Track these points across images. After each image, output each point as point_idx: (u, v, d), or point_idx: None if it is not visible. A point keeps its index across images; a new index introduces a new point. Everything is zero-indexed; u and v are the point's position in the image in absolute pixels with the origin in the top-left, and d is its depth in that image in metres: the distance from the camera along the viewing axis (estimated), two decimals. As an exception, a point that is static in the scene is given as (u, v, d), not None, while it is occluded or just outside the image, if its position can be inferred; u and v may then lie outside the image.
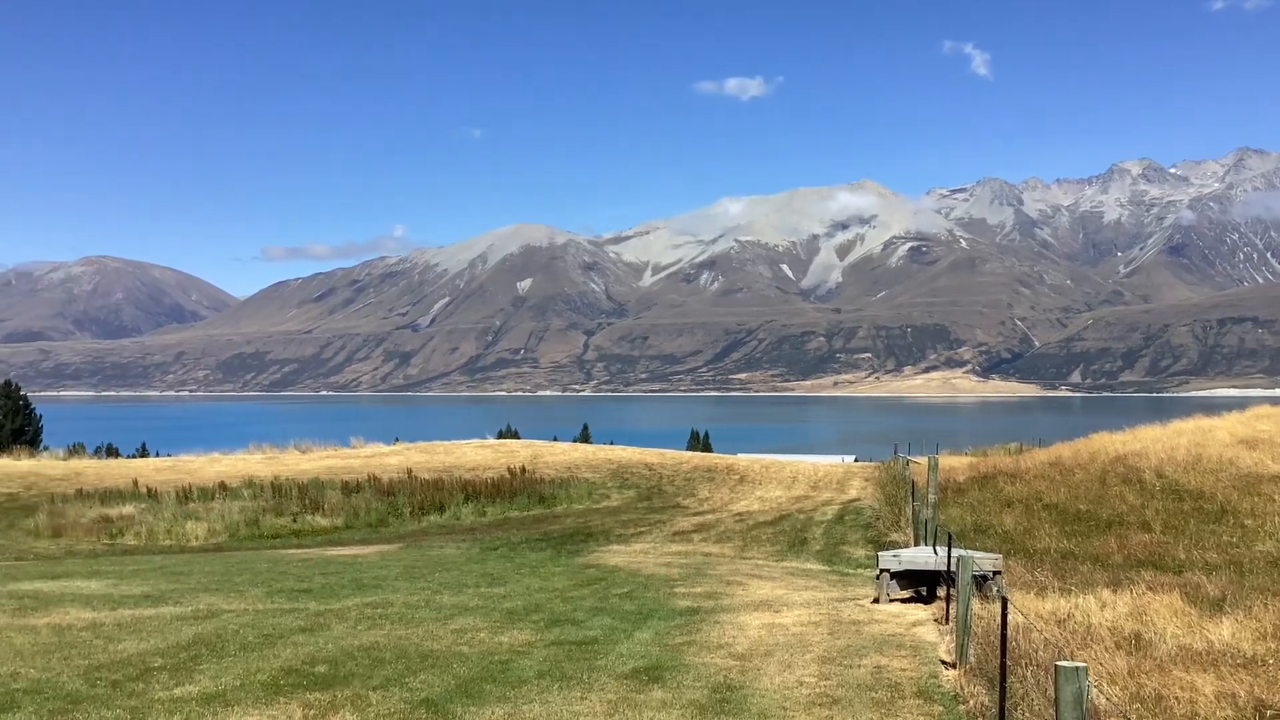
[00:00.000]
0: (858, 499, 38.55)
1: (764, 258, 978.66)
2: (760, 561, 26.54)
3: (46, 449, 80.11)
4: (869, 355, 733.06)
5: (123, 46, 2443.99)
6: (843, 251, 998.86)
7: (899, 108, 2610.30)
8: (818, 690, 11.65)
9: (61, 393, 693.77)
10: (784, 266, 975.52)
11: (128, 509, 38.56)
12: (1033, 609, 15.55)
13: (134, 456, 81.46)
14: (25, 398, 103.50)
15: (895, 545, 25.39)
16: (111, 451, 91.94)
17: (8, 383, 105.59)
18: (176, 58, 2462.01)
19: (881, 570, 18.54)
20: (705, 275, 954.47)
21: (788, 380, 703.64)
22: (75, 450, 77.34)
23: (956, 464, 45.35)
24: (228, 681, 11.36)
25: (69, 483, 45.39)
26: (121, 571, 22.68)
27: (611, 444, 71.02)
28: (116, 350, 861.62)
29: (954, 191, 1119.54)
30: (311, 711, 10.20)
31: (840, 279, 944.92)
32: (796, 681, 12.04)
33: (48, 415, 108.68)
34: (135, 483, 43.66)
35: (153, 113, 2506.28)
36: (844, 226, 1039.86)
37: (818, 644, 14.40)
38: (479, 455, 53.60)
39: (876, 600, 18.40)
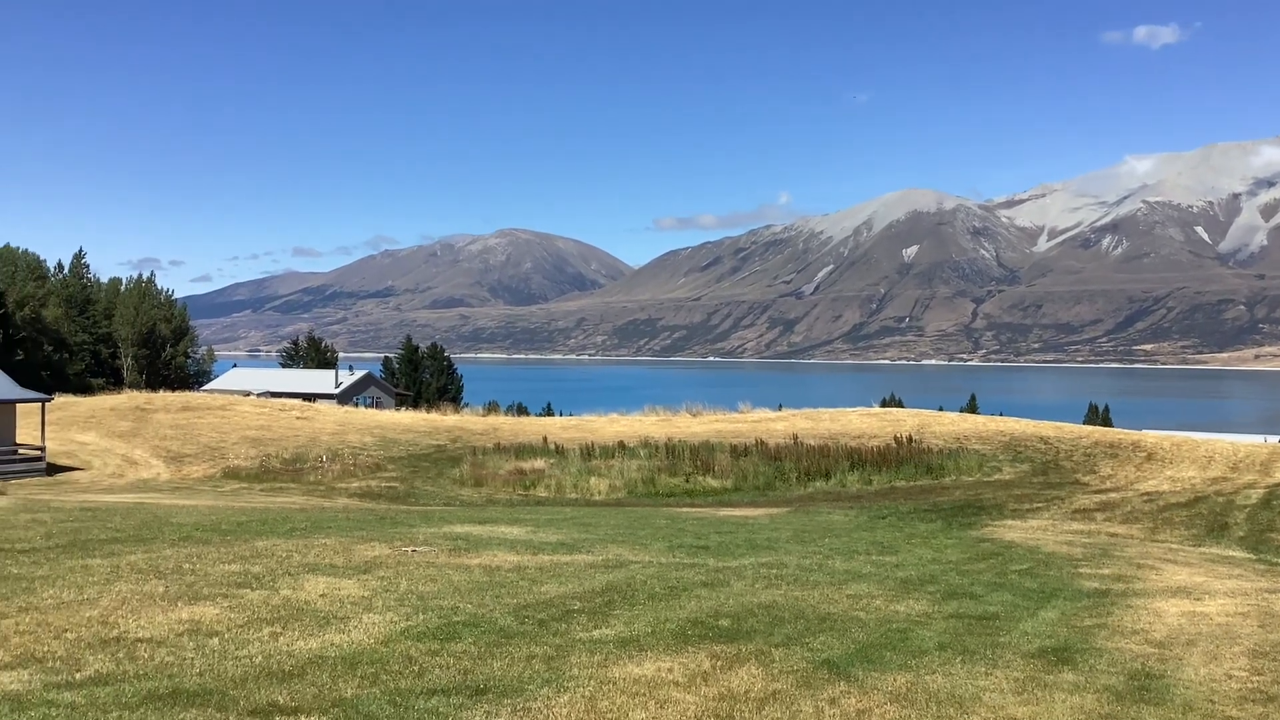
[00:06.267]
0: (1288, 484, 34.86)
1: (1175, 219, 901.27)
2: (1174, 545, 24.71)
3: (467, 405, 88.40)
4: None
5: (529, 42, 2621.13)
6: (1268, 211, 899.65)
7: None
8: (1250, 685, 10.72)
9: (479, 355, 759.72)
10: (1198, 229, 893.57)
11: (539, 463, 41.77)
12: None
13: (541, 415, 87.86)
14: (449, 359, 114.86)
15: (1337, 537, 22.79)
16: (522, 410, 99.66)
17: (435, 345, 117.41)
18: (578, 48, 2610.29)
19: (1323, 563, 16.74)
20: (1107, 239, 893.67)
21: (1201, 352, 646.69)
22: (491, 408, 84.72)
23: None
24: (640, 628, 12.05)
25: (487, 437, 49.69)
26: (538, 520, 24.60)
27: (1001, 415, 68.35)
28: (525, 316, 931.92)
29: None
30: (719, 662, 10.62)
31: (1265, 242, 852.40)
32: (1225, 674, 11.14)
33: (467, 375, 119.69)
34: (544, 439, 47.14)
35: (557, 98, 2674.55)
36: (1270, 184, 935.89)
37: (1246, 636, 13.23)
38: (864, 423, 53.33)
39: (1316, 596, 16.65)
